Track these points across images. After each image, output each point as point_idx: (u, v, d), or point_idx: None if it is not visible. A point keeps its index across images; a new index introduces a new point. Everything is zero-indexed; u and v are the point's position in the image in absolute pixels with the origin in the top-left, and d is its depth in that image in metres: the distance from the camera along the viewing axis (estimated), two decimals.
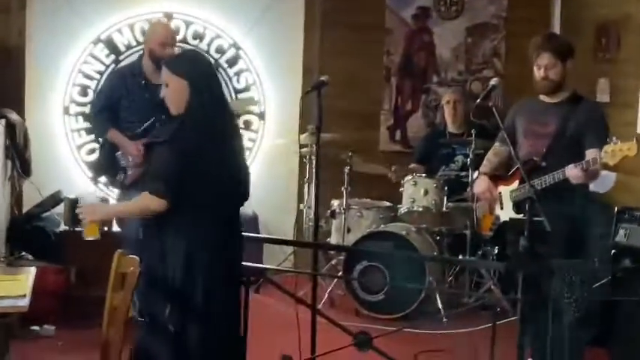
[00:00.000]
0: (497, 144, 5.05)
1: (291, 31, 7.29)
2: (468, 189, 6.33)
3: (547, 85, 4.70)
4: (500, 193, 4.88)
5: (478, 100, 4.71)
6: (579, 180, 4.44)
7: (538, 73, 4.71)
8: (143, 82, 5.57)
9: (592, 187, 4.81)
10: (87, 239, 3.86)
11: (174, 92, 3.79)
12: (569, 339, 4.31)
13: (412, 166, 6.79)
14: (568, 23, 7.31)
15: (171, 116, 3.90)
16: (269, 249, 6.84)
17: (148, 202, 3.68)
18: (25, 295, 3.40)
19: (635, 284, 5.07)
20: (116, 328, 3.32)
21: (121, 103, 5.52)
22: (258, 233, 7.00)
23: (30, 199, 6.57)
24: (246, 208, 7.16)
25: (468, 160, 6.30)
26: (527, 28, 7.39)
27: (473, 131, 6.26)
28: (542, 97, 4.79)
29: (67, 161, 6.97)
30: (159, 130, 4.10)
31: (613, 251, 5.38)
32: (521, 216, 4.73)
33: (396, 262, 6.07)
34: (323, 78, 5.10)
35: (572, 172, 4.42)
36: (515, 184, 4.78)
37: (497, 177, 4.94)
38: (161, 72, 4.08)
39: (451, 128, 6.83)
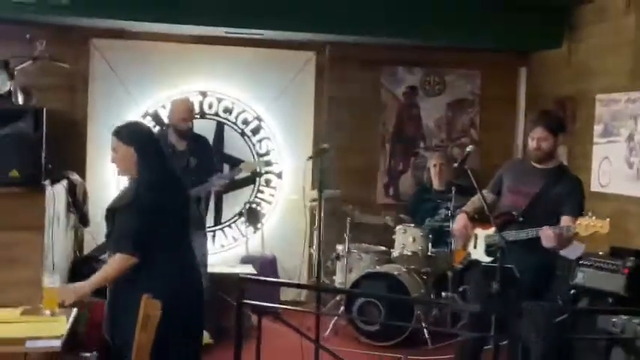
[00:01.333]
0: (484, 191, 4.64)
1: (303, 106, 7.04)
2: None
3: (538, 155, 4.35)
4: (476, 234, 4.55)
5: (457, 164, 4.40)
6: (550, 242, 4.09)
7: (531, 143, 4.39)
8: (171, 150, 5.35)
9: (562, 252, 4.46)
10: (46, 311, 3.38)
11: (123, 158, 3.52)
12: None
13: (401, 216, 6.52)
14: (531, 99, 7.05)
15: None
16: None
17: (122, 262, 3.34)
18: (61, 336, 3.03)
19: (591, 319, 4.74)
20: None
21: None
22: (276, 272, 6.75)
23: (89, 245, 6.33)
24: (266, 251, 6.93)
25: (449, 212, 6.03)
26: (498, 104, 7.20)
27: (453, 189, 5.95)
28: (533, 164, 4.44)
29: None
30: (119, 196, 3.76)
31: (573, 291, 5.05)
32: (490, 260, 4.44)
33: (391, 300, 5.76)
34: (324, 146, 4.89)
35: (546, 233, 4.09)
36: (492, 230, 4.47)
37: (478, 220, 4.59)
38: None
39: (436, 186, 6.53)
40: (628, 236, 5.35)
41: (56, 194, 4.88)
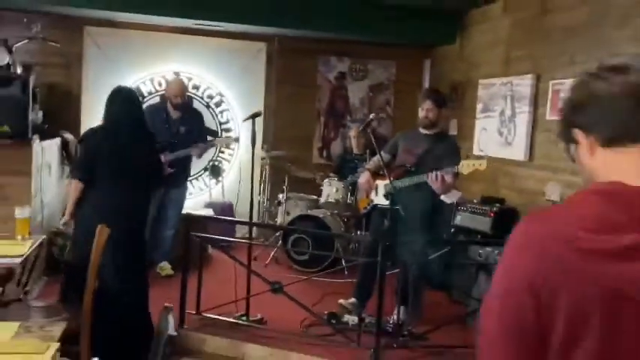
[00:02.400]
0: (382, 152, 4.64)
1: (256, 86, 6.89)
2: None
3: (426, 123, 4.32)
4: (377, 184, 4.51)
5: (360, 128, 4.32)
6: (436, 184, 4.01)
7: (421, 113, 4.34)
8: (165, 115, 5.20)
9: (443, 197, 4.42)
10: (18, 237, 3.21)
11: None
12: (413, 284, 4.00)
13: (331, 174, 6.45)
14: (433, 84, 6.99)
15: None
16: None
17: (74, 186, 3.35)
18: (21, 256, 2.86)
19: (465, 250, 4.75)
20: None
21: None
22: (233, 215, 6.65)
23: None
24: (225, 199, 6.81)
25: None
26: (408, 87, 7.10)
27: (367, 152, 5.91)
28: (421, 130, 4.41)
29: None
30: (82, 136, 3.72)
31: (452, 230, 5.06)
32: (387, 204, 4.40)
33: (317, 236, 5.68)
34: (257, 111, 4.76)
35: (432, 176, 4.03)
36: (387, 180, 4.43)
37: (377, 174, 4.57)
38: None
39: (355, 150, 6.45)
40: (497, 188, 5.36)
41: (47, 147, 4.70)
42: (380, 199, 4.46)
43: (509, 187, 5.27)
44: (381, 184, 4.46)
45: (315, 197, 6.27)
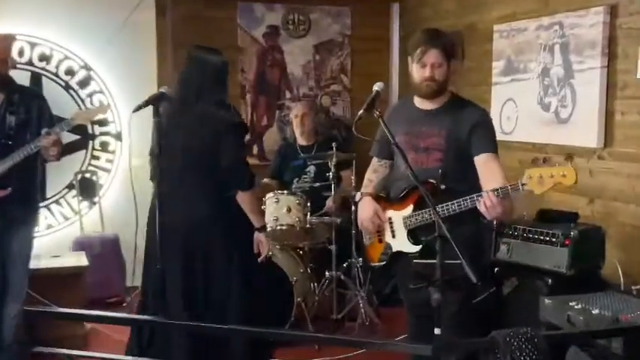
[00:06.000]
0: (374, 160, 2.83)
1: (143, 52, 4.73)
2: (328, 201, 4.18)
3: (432, 87, 2.50)
4: (390, 218, 2.65)
5: (362, 110, 2.39)
6: (494, 211, 2.27)
7: (422, 72, 2.49)
8: None
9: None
10: None
11: None
12: None
13: (265, 180, 4.48)
14: (406, 39, 5.18)
15: None
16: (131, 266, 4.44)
17: None
18: None
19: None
20: None
21: None
22: (119, 254, 4.56)
23: None
24: (106, 230, 4.69)
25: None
26: (370, 45, 5.26)
27: (317, 142, 4.22)
28: (419, 104, 2.59)
29: None
30: None
31: (496, 269, 3.29)
32: (417, 249, 2.56)
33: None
34: (161, 90, 2.77)
35: (490, 201, 2.25)
36: (409, 209, 2.57)
37: (385, 199, 2.71)
38: None
39: (300, 140, 4.54)
40: (548, 194, 3.64)
41: None
42: (401, 243, 2.59)
43: (568, 190, 3.56)
44: (397, 216, 2.60)
45: None
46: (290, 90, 5.11)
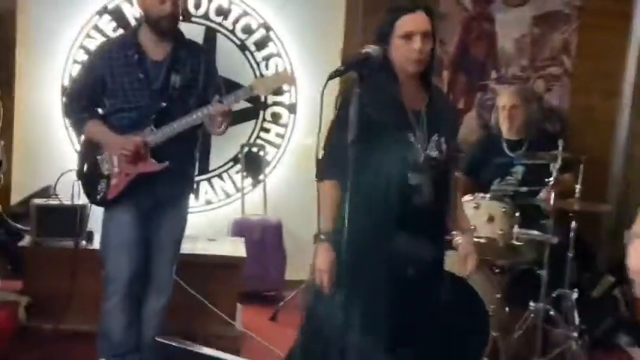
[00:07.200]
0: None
1: (330, 12, 4.18)
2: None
3: None
4: None
5: None
6: None
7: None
8: (136, 56, 2.59)
9: None
10: None
11: None
12: None
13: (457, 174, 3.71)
14: None
15: None
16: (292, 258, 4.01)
17: None
18: None
19: None
20: None
21: (105, 86, 2.59)
22: (281, 244, 4.09)
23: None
24: (269, 213, 4.22)
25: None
26: (605, 22, 4.26)
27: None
28: None
29: (64, 147, 3.97)
30: None
31: None
32: None
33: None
34: (368, 49, 2.10)
35: None
36: None
37: None
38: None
39: (507, 134, 3.73)
40: None
41: None
42: None
43: None
44: None
45: None
46: (497, 69, 4.27)
